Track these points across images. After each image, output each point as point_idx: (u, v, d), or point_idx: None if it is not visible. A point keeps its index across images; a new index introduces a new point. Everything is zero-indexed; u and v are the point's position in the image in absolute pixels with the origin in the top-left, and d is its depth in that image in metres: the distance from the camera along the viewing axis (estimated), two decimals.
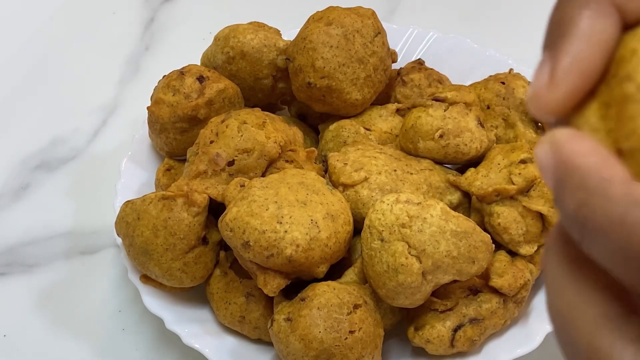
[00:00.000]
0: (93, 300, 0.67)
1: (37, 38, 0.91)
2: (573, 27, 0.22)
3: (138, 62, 0.88)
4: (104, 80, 0.86)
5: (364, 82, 0.64)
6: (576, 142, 0.22)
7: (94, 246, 0.71)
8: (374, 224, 0.53)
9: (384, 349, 0.56)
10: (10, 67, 0.88)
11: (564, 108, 0.22)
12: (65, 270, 0.69)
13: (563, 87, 0.22)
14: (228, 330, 0.60)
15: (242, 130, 0.58)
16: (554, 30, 0.23)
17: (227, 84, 0.65)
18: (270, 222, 0.53)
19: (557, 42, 0.22)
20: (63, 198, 0.75)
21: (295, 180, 0.56)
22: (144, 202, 0.58)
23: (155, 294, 0.59)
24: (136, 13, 0.94)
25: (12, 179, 0.77)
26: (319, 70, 0.62)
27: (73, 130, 0.81)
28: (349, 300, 0.53)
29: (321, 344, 0.51)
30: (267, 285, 0.53)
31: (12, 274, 0.69)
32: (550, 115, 0.23)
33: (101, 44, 0.90)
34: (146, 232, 0.56)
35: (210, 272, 0.59)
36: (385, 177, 0.59)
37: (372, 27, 0.65)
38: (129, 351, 0.63)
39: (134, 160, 0.68)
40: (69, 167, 0.78)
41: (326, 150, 0.65)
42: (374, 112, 0.67)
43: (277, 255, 0.52)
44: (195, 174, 0.58)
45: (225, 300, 0.58)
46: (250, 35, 0.66)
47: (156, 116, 0.64)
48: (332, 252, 0.54)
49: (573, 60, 0.22)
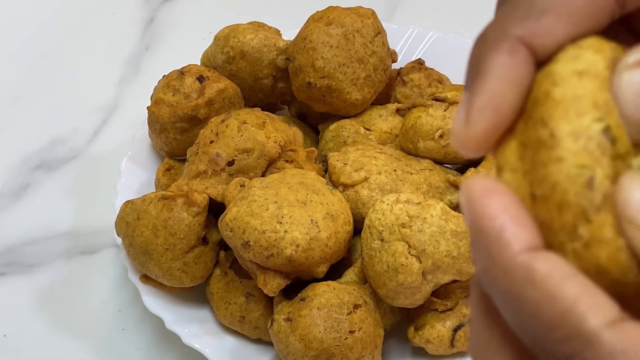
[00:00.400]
0: (93, 300, 0.67)
1: (37, 38, 0.91)
2: (486, 67, 0.22)
3: (138, 62, 0.88)
4: (104, 80, 0.86)
5: (364, 82, 0.64)
6: (487, 198, 0.22)
7: (94, 246, 0.71)
8: (374, 224, 0.53)
9: (384, 349, 0.56)
10: (11, 67, 0.88)
11: (483, 145, 0.23)
12: (65, 270, 0.69)
13: (478, 126, 0.22)
14: (228, 330, 0.60)
15: (242, 130, 0.58)
16: (471, 70, 0.23)
17: (227, 84, 0.65)
18: (270, 222, 0.53)
19: (473, 81, 0.23)
20: (63, 198, 0.75)
21: (295, 180, 0.56)
22: (144, 202, 0.58)
23: (155, 293, 0.59)
24: (136, 13, 0.94)
25: (12, 179, 0.77)
26: (319, 70, 0.62)
27: (73, 130, 0.81)
28: (349, 300, 0.53)
29: (321, 344, 0.51)
30: (267, 285, 0.53)
31: (12, 274, 0.69)
32: (471, 152, 0.23)
33: (101, 44, 0.90)
34: (146, 232, 0.56)
35: (210, 272, 0.59)
36: (385, 177, 0.59)
37: (372, 27, 0.65)
38: (129, 351, 0.63)
39: (134, 160, 0.68)
40: (69, 167, 0.78)
41: (326, 150, 0.65)
42: (374, 112, 0.67)
43: (277, 255, 0.52)
44: (195, 173, 0.58)
45: (225, 300, 0.58)
46: (250, 35, 0.66)
47: (156, 116, 0.64)
48: (332, 252, 0.54)
49: (486, 99, 0.22)
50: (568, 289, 0.20)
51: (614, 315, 0.20)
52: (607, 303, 0.20)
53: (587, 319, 0.20)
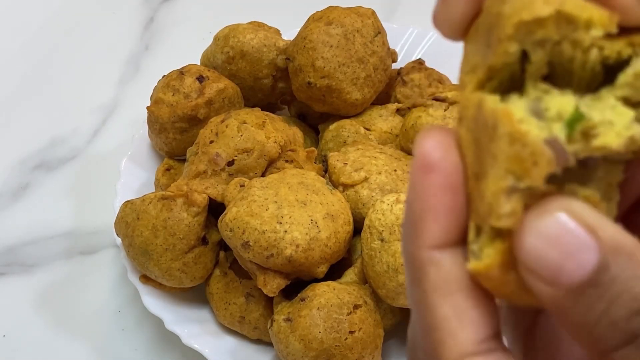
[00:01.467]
0: (93, 300, 0.67)
1: (37, 38, 0.91)
2: None
3: (138, 61, 0.88)
4: (104, 80, 0.86)
5: (364, 81, 0.64)
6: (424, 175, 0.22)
7: (94, 246, 0.71)
8: (374, 224, 0.53)
9: (384, 349, 0.56)
10: (10, 67, 0.88)
11: (460, 26, 0.23)
12: (65, 270, 0.69)
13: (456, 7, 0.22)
14: (228, 330, 0.60)
15: (242, 130, 0.58)
16: None
17: (226, 84, 0.65)
18: (270, 222, 0.53)
19: None
20: (63, 198, 0.75)
21: (295, 180, 0.56)
22: (143, 202, 0.57)
23: (154, 294, 0.59)
24: (136, 13, 0.94)
25: (11, 179, 0.76)
26: (319, 70, 0.62)
27: (73, 130, 0.81)
28: (349, 301, 0.53)
29: (321, 344, 0.51)
30: (266, 286, 0.53)
31: (11, 274, 0.69)
32: (451, 34, 0.23)
33: (101, 44, 0.90)
34: (146, 232, 0.56)
35: (210, 272, 0.59)
36: (386, 177, 0.58)
37: (372, 26, 0.65)
38: (129, 351, 0.63)
39: (133, 160, 0.68)
40: (69, 167, 0.78)
41: (326, 150, 0.65)
42: (374, 112, 0.67)
43: (277, 255, 0.52)
44: (195, 173, 0.58)
45: (225, 301, 0.58)
46: (250, 35, 0.66)
47: (156, 116, 0.64)
48: (332, 252, 0.54)
49: None
50: (440, 309, 0.21)
51: (467, 350, 0.21)
52: (469, 332, 0.21)
53: (443, 346, 0.21)
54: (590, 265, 0.19)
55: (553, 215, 0.20)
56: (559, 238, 0.19)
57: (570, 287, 0.19)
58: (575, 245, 0.19)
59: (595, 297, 0.19)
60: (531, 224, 0.20)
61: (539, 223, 0.20)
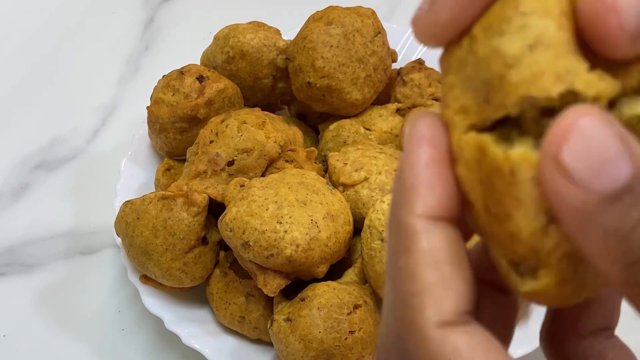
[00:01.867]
0: (92, 300, 0.67)
1: (37, 38, 0.91)
2: None
3: (138, 61, 0.88)
4: (104, 80, 0.86)
5: (364, 81, 0.64)
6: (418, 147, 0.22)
7: (94, 246, 0.71)
8: (374, 224, 0.53)
9: None
10: (10, 67, 0.88)
11: (445, 33, 0.23)
12: (64, 270, 0.69)
13: (444, 11, 0.22)
14: (228, 330, 0.60)
15: (242, 130, 0.58)
16: None
17: (226, 84, 0.65)
18: (270, 222, 0.53)
19: None
20: (63, 198, 0.75)
21: (295, 180, 0.56)
22: (143, 202, 0.57)
23: (154, 294, 0.59)
24: (136, 13, 0.94)
25: (11, 179, 0.76)
26: (319, 69, 0.62)
27: (73, 130, 0.81)
28: (349, 301, 0.53)
29: (321, 344, 0.51)
30: (267, 286, 0.53)
31: (11, 274, 0.69)
32: (430, 40, 0.23)
33: (101, 44, 0.90)
34: (146, 232, 0.56)
35: (210, 272, 0.59)
36: (386, 177, 0.58)
37: (372, 26, 0.65)
38: (129, 351, 0.63)
39: (133, 160, 0.68)
40: (69, 167, 0.78)
41: (326, 150, 0.65)
42: (374, 112, 0.67)
43: (277, 255, 0.52)
44: (195, 173, 0.58)
45: (225, 301, 0.58)
46: (250, 35, 0.66)
47: (156, 116, 0.64)
48: (332, 252, 0.54)
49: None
50: (426, 275, 0.21)
51: (447, 318, 0.21)
52: (452, 302, 0.21)
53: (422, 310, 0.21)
54: (628, 170, 0.19)
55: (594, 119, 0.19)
56: (600, 142, 0.19)
57: (607, 192, 0.19)
58: (614, 151, 0.19)
59: (631, 203, 0.19)
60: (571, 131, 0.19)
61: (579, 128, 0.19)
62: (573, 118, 0.19)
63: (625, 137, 0.19)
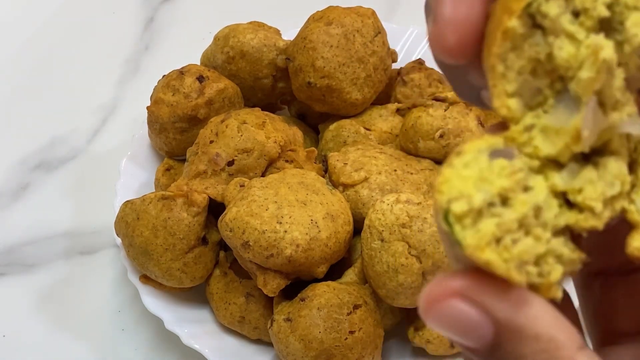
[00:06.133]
0: (92, 300, 0.67)
1: (37, 38, 0.91)
2: None
3: (138, 61, 0.88)
4: (104, 80, 0.86)
5: (364, 81, 0.64)
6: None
7: (94, 246, 0.70)
8: (374, 224, 0.53)
9: (384, 349, 0.56)
10: (10, 67, 0.88)
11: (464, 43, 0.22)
12: (64, 270, 0.69)
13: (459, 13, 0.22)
14: (228, 330, 0.59)
15: (242, 130, 0.58)
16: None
17: (227, 84, 0.65)
18: (270, 222, 0.52)
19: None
20: (62, 198, 0.75)
21: (295, 180, 0.56)
22: (143, 202, 0.57)
23: (154, 294, 0.59)
24: (136, 13, 0.94)
25: (11, 179, 0.76)
26: (319, 69, 0.62)
27: (72, 130, 0.81)
28: (349, 301, 0.53)
29: (321, 344, 0.51)
30: (266, 286, 0.53)
31: (11, 274, 0.69)
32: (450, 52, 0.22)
33: (101, 43, 0.90)
34: (146, 232, 0.56)
35: (210, 272, 0.59)
36: (386, 177, 0.58)
37: (372, 26, 0.65)
38: (129, 351, 0.63)
39: (133, 160, 0.68)
40: (69, 167, 0.78)
41: (326, 150, 0.65)
42: (374, 112, 0.66)
43: (277, 255, 0.52)
44: (195, 173, 0.58)
45: (225, 301, 0.58)
46: (250, 35, 0.66)
47: (156, 116, 0.64)
48: (332, 252, 0.54)
49: None
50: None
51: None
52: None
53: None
54: (485, 340, 0.21)
55: (448, 302, 0.21)
56: (455, 320, 0.21)
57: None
58: (470, 325, 0.21)
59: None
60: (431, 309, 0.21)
61: (437, 307, 0.21)
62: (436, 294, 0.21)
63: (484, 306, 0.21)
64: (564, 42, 0.22)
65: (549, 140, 0.22)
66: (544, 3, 0.21)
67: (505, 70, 0.22)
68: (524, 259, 0.21)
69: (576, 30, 0.21)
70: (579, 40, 0.21)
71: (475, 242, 0.20)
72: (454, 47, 0.22)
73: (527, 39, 0.22)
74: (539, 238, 0.22)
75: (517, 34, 0.22)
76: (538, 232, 0.22)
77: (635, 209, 0.22)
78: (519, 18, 0.22)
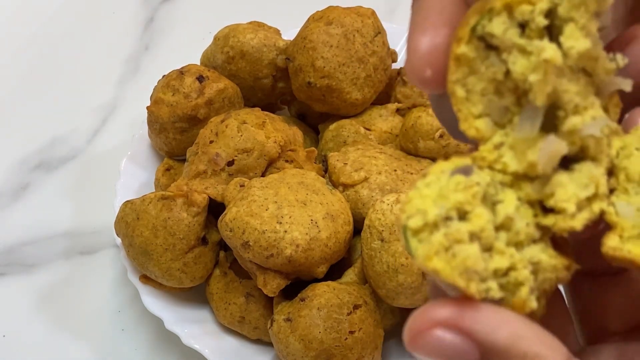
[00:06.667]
0: (92, 300, 0.67)
1: (36, 38, 0.91)
2: None
3: (137, 61, 0.88)
4: (104, 80, 0.86)
5: (364, 81, 0.64)
6: None
7: (94, 246, 0.70)
8: (374, 224, 0.53)
9: (384, 349, 0.56)
10: (10, 67, 0.88)
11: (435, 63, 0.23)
12: (64, 270, 0.69)
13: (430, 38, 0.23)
14: (228, 330, 0.59)
15: (242, 130, 0.58)
16: None
17: (226, 84, 0.65)
18: (270, 222, 0.52)
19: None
20: (62, 198, 0.75)
21: (295, 180, 0.56)
22: (143, 202, 0.57)
23: (154, 294, 0.59)
24: (136, 13, 0.94)
25: (11, 179, 0.76)
26: (319, 69, 0.62)
27: (72, 130, 0.81)
28: (349, 301, 0.53)
29: (321, 344, 0.51)
30: (266, 286, 0.53)
31: (11, 274, 0.69)
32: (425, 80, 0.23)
33: (101, 43, 0.90)
34: (145, 232, 0.56)
35: (209, 272, 0.59)
36: (385, 177, 0.58)
37: (372, 26, 0.65)
38: (129, 351, 0.63)
39: (133, 160, 0.68)
40: (69, 167, 0.78)
41: (326, 150, 0.65)
42: (374, 111, 0.66)
43: (277, 255, 0.52)
44: (195, 173, 0.58)
45: (225, 301, 0.58)
46: (250, 35, 0.66)
47: (156, 116, 0.64)
48: (332, 252, 0.54)
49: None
50: None
51: None
52: None
53: None
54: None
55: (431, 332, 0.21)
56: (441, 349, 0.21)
57: None
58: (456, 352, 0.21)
59: None
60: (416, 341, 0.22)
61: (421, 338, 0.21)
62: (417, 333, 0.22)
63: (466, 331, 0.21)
64: (517, 57, 0.22)
65: (518, 156, 0.23)
66: (488, 24, 0.22)
67: (467, 94, 0.23)
68: (471, 266, 0.21)
69: (525, 42, 0.22)
70: (530, 52, 0.22)
71: (424, 252, 0.21)
72: (429, 79, 0.23)
73: (483, 61, 0.23)
74: (502, 252, 0.22)
75: (470, 58, 0.23)
76: (500, 245, 0.22)
77: (614, 211, 0.23)
78: (468, 43, 0.23)
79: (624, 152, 0.24)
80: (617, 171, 0.24)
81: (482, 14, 0.22)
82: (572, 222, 0.23)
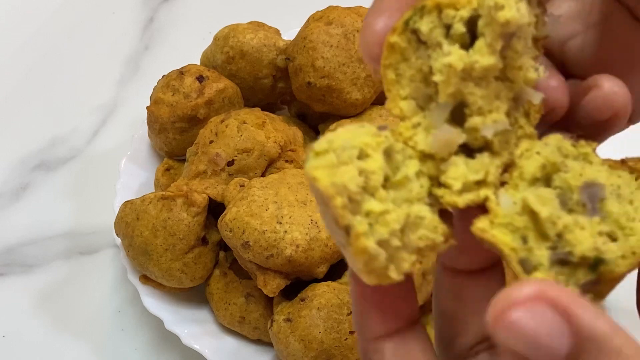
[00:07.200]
0: (92, 300, 0.67)
1: (36, 38, 0.91)
2: None
3: (137, 61, 0.88)
4: (104, 80, 0.86)
5: (364, 81, 0.64)
6: None
7: (94, 246, 0.70)
8: None
9: None
10: (10, 67, 0.88)
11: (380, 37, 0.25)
12: (64, 271, 0.69)
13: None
14: (228, 330, 0.59)
15: (242, 130, 0.58)
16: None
17: (226, 84, 0.65)
18: (270, 222, 0.52)
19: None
20: (62, 198, 0.75)
21: (295, 180, 0.56)
22: (143, 202, 0.57)
23: (154, 294, 0.59)
24: (136, 13, 0.94)
25: (11, 179, 0.76)
26: (319, 69, 0.62)
27: (72, 130, 0.81)
28: (349, 301, 0.53)
29: (321, 345, 0.51)
30: (266, 286, 0.53)
31: (11, 274, 0.69)
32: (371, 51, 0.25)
33: (101, 43, 0.90)
34: (145, 232, 0.56)
35: (209, 273, 0.59)
36: None
37: None
38: (128, 351, 0.63)
39: (133, 160, 0.68)
40: (69, 167, 0.78)
41: None
42: (374, 112, 0.66)
43: (277, 255, 0.52)
44: (195, 174, 0.58)
45: (225, 301, 0.58)
46: (249, 35, 0.66)
47: (155, 116, 0.64)
48: (332, 252, 0.54)
49: None
50: None
51: None
52: None
53: None
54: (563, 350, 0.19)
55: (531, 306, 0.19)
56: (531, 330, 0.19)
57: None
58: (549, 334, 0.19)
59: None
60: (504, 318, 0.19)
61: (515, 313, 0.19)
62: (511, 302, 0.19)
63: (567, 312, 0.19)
64: (439, 54, 0.25)
65: (427, 138, 0.26)
66: (419, 20, 0.25)
67: (397, 77, 0.26)
68: (344, 181, 0.23)
69: (446, 42, 0.25)
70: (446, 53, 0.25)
71: (314, 164, 0.23)
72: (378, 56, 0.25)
73: (415, 51, 0.25)
74: (381, 199, 0.24)
75: (402, 47, 0.25)
76: (382, 193, 0.24)
77: (495, 200, 0.25)
78: (400, 34, 0.25)
79: (526, 154, 0.26)
80: (514, 168, 0.26)
81: (415, 10, 0.25)
82: (457, 198, 0.25)
